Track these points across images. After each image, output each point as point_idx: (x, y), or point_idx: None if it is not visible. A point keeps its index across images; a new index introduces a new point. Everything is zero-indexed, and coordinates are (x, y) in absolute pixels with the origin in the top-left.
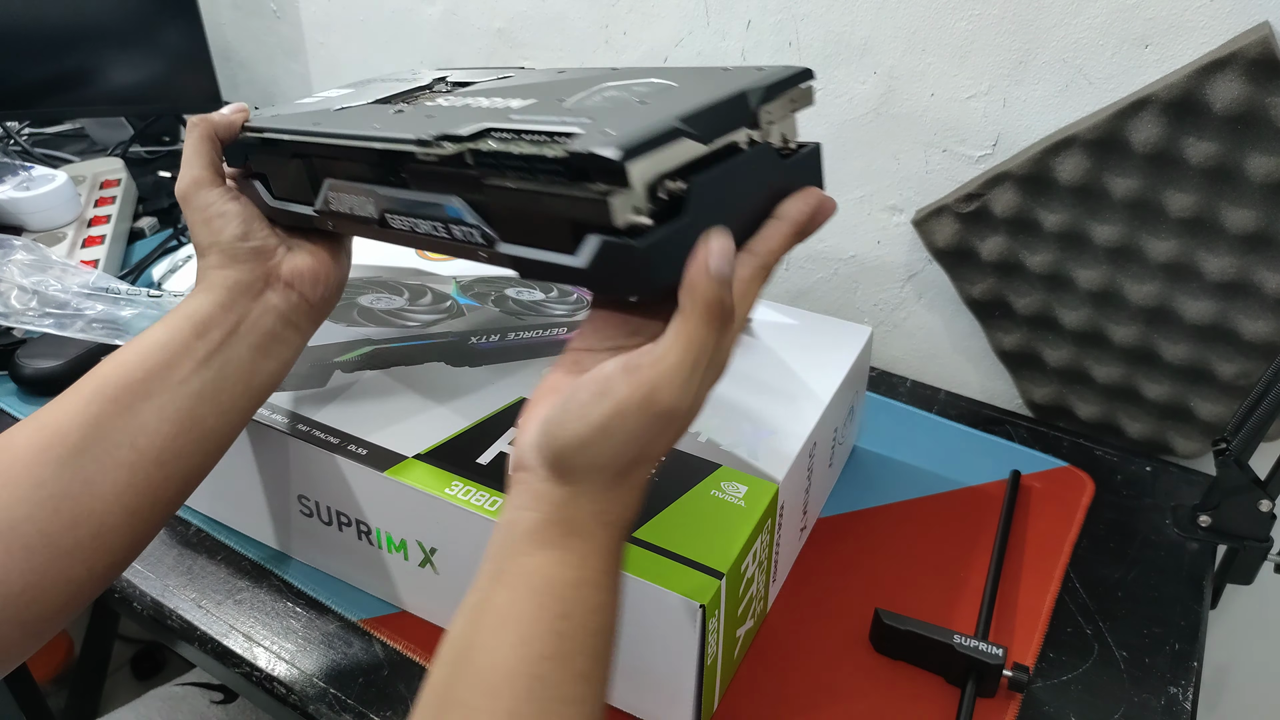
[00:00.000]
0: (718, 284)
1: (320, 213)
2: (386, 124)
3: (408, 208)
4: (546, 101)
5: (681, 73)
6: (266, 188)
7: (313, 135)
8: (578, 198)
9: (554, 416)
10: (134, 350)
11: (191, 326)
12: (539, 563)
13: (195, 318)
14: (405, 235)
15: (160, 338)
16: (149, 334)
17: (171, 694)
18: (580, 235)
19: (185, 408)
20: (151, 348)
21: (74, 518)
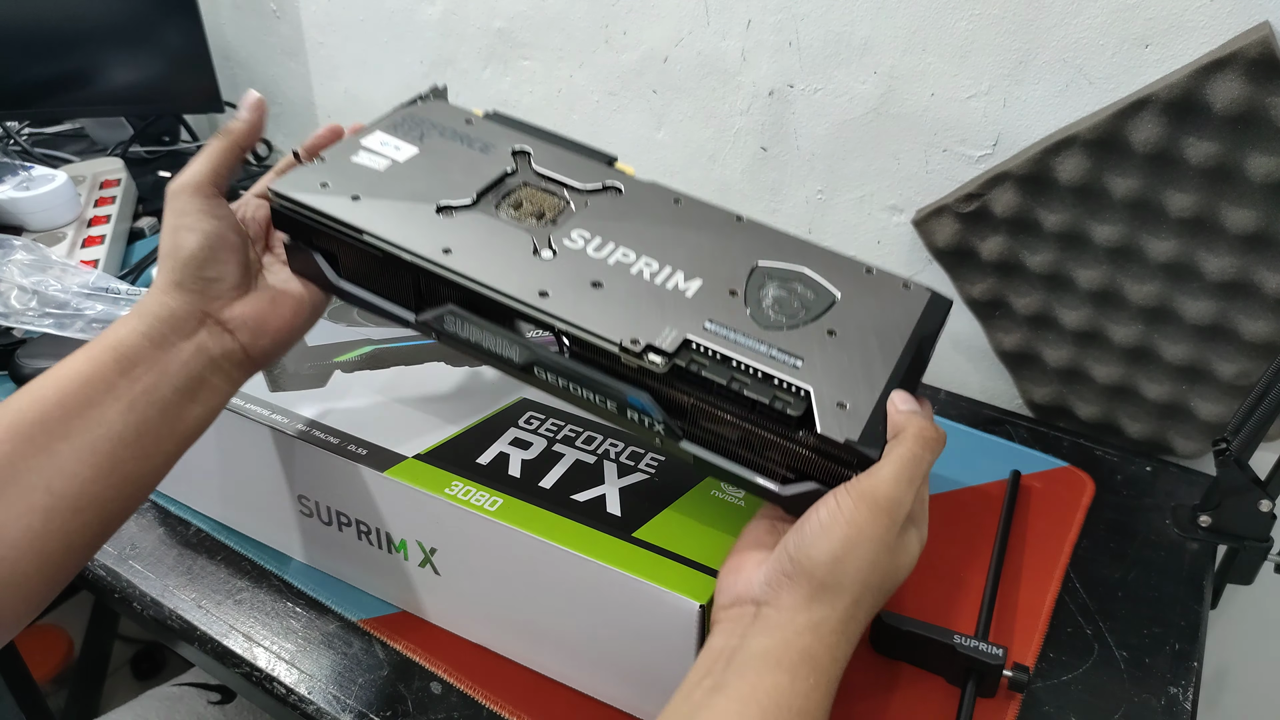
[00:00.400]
0: (918, 415)
1: (424, 324)
2: (532, 272)
3: (575, 376)
4: (715, 291)
5: (827, 262)
6: (331, 263)
7: (453, 273)
8: (805, 454)
9: (798, 544)
10: (52, 383)
11: (115, 361)
12: (772, 683)
13: (120, 350)
14: (549, 386)
15: (82, 370)
16: (68, 364)
17: (169, 694)
18: (792, 473)
19: (105, 450)
20: (72, 381)
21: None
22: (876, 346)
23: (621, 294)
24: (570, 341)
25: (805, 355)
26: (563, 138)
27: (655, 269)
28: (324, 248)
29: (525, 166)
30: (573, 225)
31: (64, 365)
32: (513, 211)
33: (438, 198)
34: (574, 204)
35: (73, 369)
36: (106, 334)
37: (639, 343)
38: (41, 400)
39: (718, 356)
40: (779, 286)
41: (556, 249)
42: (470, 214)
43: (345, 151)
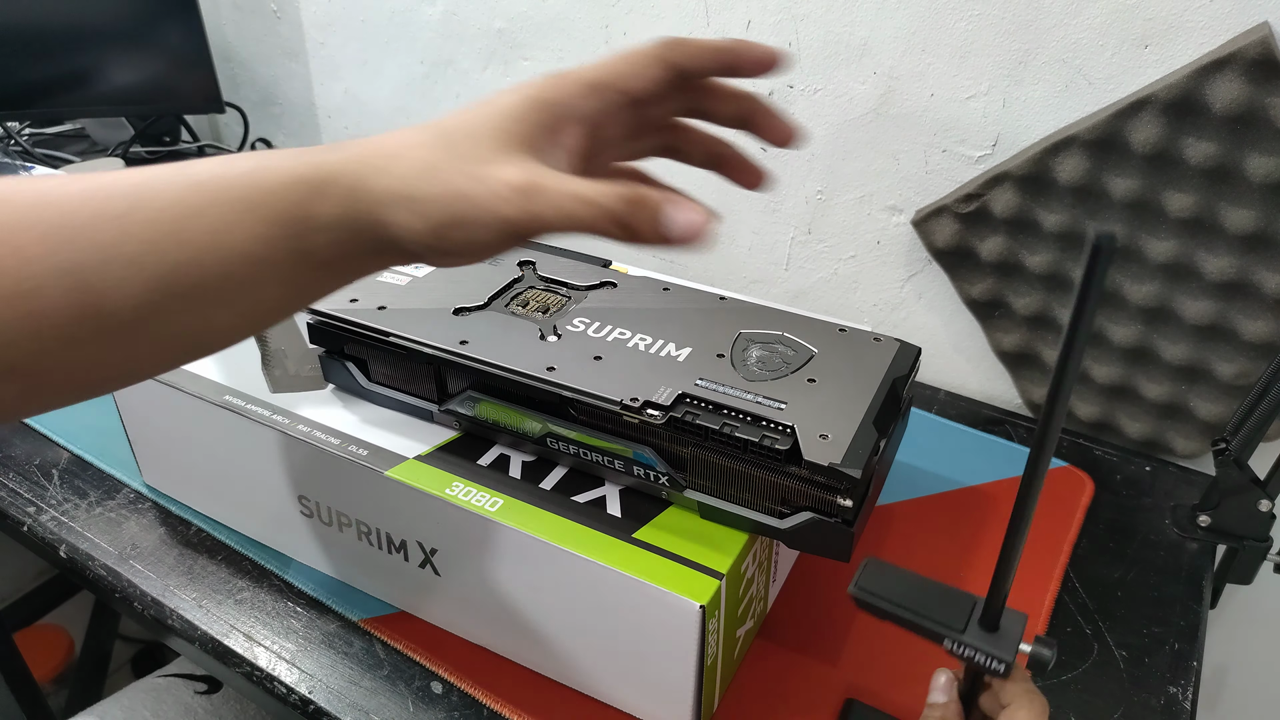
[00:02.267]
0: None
1: (448, 413)
2: (540, 353)
3: (584, 441)
4: (704, 355)
5: (803, 325)
6: (361, 369)
7: (469, 359)
8: (796, 486)
9: None
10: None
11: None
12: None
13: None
14: (561, 455)
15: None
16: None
17: (155, 685)
18: (787, 507)
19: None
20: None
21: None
22: (853, 387)
23: (620, 364)
24: (577, 409)
25: (789, 399)
26: (563, 249)
27: (649, 342)
28: (354, 355)
29: (530, 273)
30: (574, 314)
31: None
32: (520, 308)
33: (454, 303)
34: (574, 298)
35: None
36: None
37: (638, 400)
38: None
39: (710, 406)
40: (761, 348)
41: (560, 333)
42: (483, 313)
43: None
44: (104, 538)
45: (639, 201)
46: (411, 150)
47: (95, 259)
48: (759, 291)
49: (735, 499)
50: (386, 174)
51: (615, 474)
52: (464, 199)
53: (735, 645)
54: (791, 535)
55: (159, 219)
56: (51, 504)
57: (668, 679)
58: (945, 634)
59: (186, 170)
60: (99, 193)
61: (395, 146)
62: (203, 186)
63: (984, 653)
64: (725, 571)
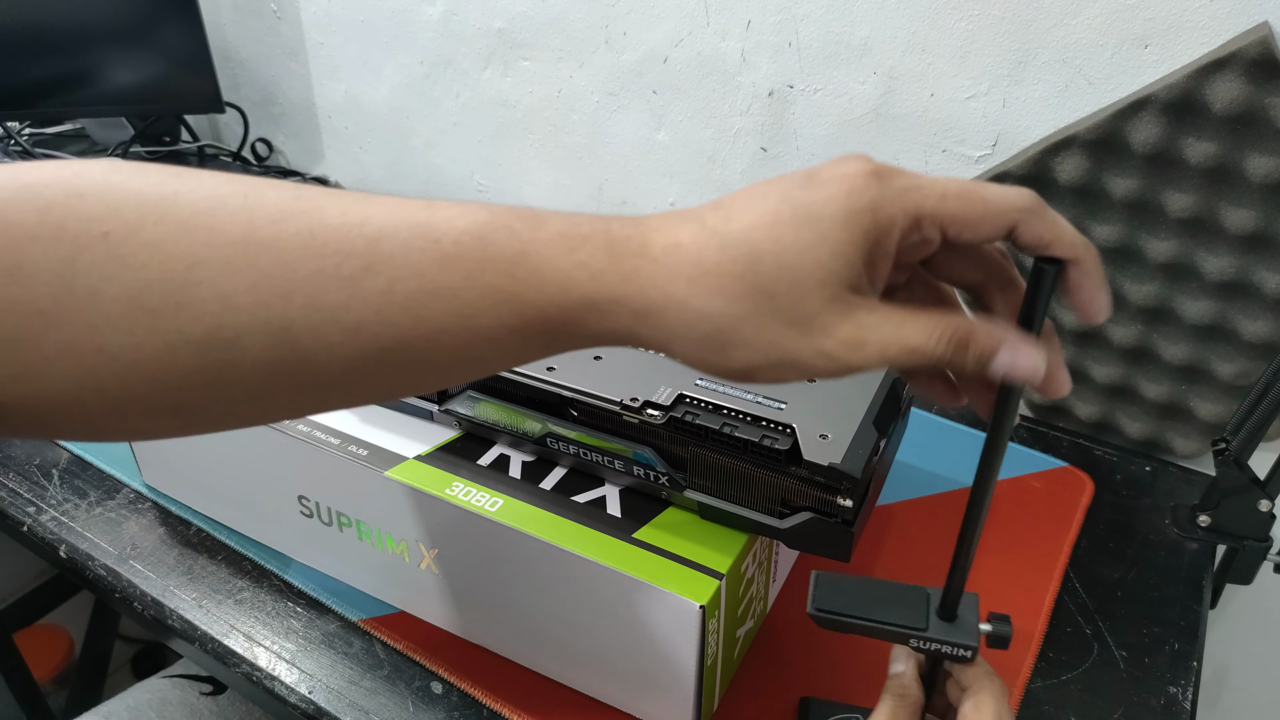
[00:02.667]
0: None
1: (448, 413)
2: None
3: (584, 440)
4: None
5: None
6: None
7: None
8: (796, 485)
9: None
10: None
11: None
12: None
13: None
14: (561, 455)
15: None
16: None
17: (160, 686)
18: (787, 507)
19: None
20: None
21: None
22: (853, 387)
23: (620, 364)
24: (577, 408)
25: (788, 399)
26: None
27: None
28: None
29: None
30: None
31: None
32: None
33: None
34: None
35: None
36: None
37: (638, 400)
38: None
39: (709, 406)
40: None
41: None
42: None
43: None
44: (104, 538)
45: (965, 344)
46: (718, 280)
47: (311, 320)
48: None
49: (735, 499)
50: (687, 309)
51: (615, 474)
52: (784, 352)
53: (735, 645)
54: (791, 535)
55: (396, 290)
56: (51, 504)
57: (668, 679)
58: (910, 635)
59: (430, 229)
60: (327, 244)
61: (696, 268)
62: (454, 261)
63: (949, 644)
64: (725, 571)
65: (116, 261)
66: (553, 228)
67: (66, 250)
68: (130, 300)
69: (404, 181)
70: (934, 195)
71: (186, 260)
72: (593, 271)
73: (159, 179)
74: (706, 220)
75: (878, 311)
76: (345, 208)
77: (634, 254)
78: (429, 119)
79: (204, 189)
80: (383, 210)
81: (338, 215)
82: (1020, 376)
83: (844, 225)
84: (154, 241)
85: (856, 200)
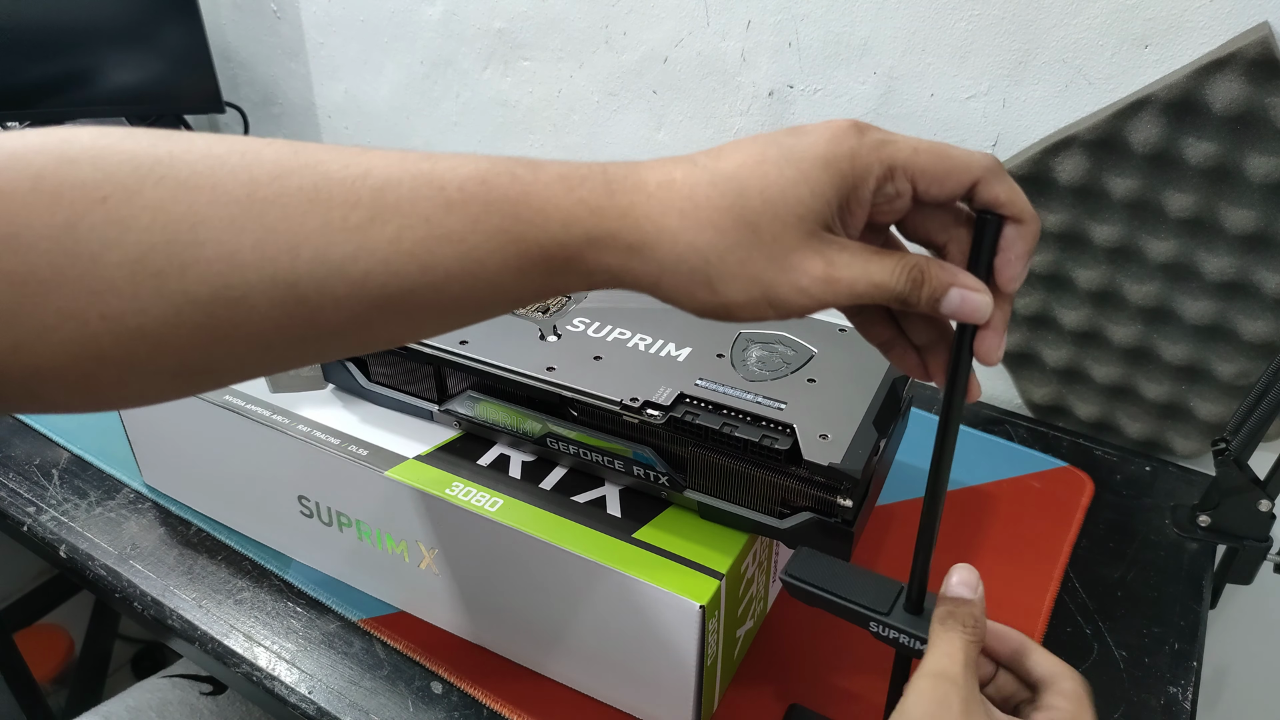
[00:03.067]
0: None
1: (448, 413)
2: (540, 352)
3: (584, 440)
4: (704, 355)
5: (804, 325)
6: (361, 369)
7: (469, 359)
8: (796, 486)
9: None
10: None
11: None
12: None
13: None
14: (561, 455)
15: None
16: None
17: (160, 686)
18: (787, 507)
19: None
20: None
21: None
22: (853, 387)
23: (620, 364)
24: (577, 409)
25: (789, 399)
26: None
27: (649, 342)
28: (353, 357)
29: None
30: (574, 314)
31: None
32: (520, 308)
33: None
34: (574, 298)
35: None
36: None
37: (638, 400)
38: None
39: (709, 406)
40: (761, 348)
41: (560, 333)
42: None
43: None
44: (104, 538)
45: (921, 281)
46: (708, 214)
47: (318, 273)
48: None
49: (735, 499)
50: (678, 241)
51: (615, 474)
52: (763, 286)
53: (735, 645)
54: (791, 535)
55: (404, 238)
56: (51, 504)
57: (668, 679)
58: (870, 617)
59: (434, 177)
60: (332, 197)
61: (688, 201)
62: (459, 206)
63: (907, 634)
64: (725, 571)
65: (118, 225)
66: (552, 171)
67: (64, 217)
68: (134, 264)
69: None
70: (907, 149)
71: (190, 220)
72: (592, 208)
73: (150, 141)
74: (698, 161)
75: (849, 249)
76: (346, 161)
77: (630, 190)
78: (429, 119)
79: (197, 149)
80: (383, 161)
81: (339, 168)
82: (969, 313)
83: (824, 168)
84: (155, 204)
85: (837, 147)
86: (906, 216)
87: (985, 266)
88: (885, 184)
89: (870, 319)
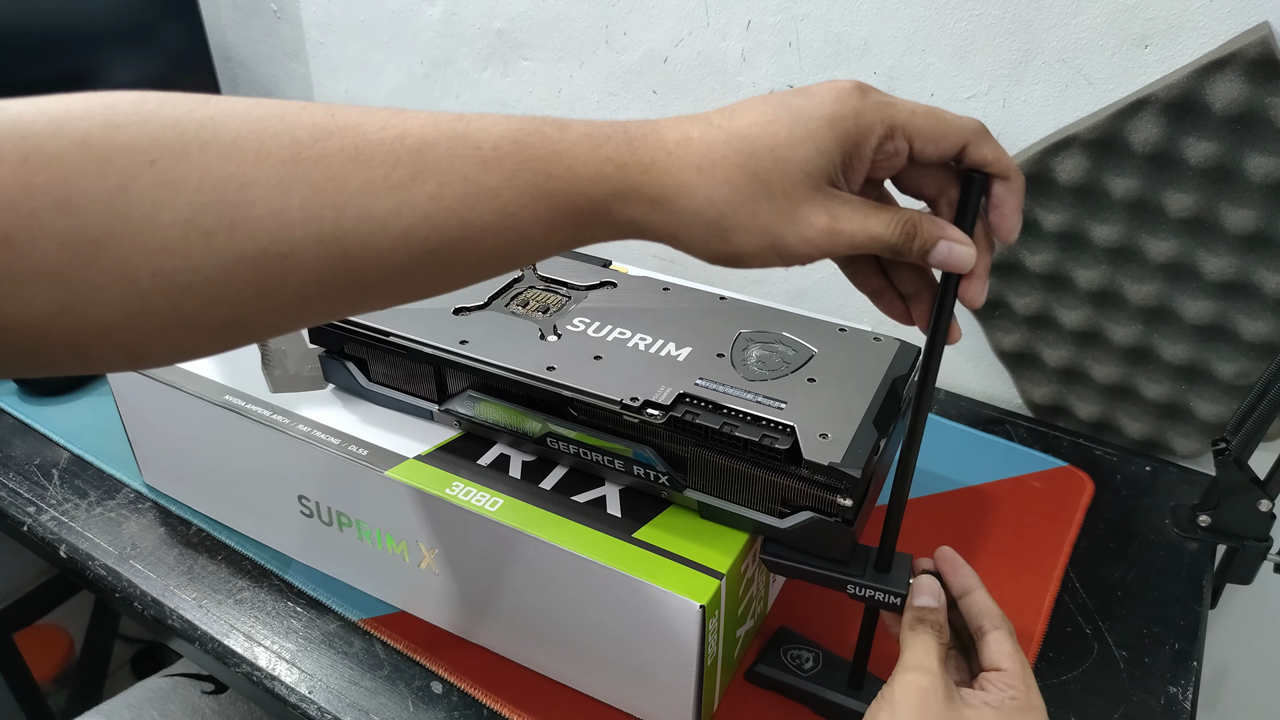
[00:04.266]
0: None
1: (448, 413)
2: (540, 352)
3: (584, 440)
4: (704, 355)
5: (803, 325)
6: (361, 369)
7: (469, 359)
8: (796, 485)
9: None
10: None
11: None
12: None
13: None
14: (561, 455)
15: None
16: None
17: (161, 685)
18: (787, 507)
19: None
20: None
21: None
22: (853, 387)
23: (620, 363)
24: (577, 408)
25: (789, 399)
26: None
27: (649, 342)
28: (355, 355)
29: (530, 273)
30: (574, 314)
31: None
32: (520, 308)
33: (454, 303)
34: (574, 298)
35: None
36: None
37: (638, 399)
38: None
39: (710, 405)
40: (761, 347)
41: (560, 333)
42: (483, 313)
43: None
44: (104, 538)
45: (913, 233)
46: (723, 170)
47: (363, 229)
48: (759, 291)
49: (735, 499)
50: (696, 195)
51: (615, 474)
52: (772, 237)
53: (735, 645)
54: (792, 535)
55: (444, 194)
56: (51, 504)
57: (668, 679)
58: (846, 579)
59: (468, 137)
60: (373, 157)
61: (705, 159)
62: (495, 164)
63: (881, 590)
64: (725, 571)
65: (169, 187)
66: (578, 130)
67: (115, 180)
68: (186, 224)
69: None
70: (905, 111)
71: (238, 181)
72: (617, 164)
73: (190, 107)
74: (713, 120)
75: (850, 203)
76: (383, 122)
77: (652, 147)
78: None
79: (237, 113)
80: (418, 122)
81: (377, 130)
82: (955, 263)
83: (829, 127)
84: (203, 166)
85: (842, 107)
86: (901, 173)
87: (971, 220)
88: (885, 143)
89: (862, 269)
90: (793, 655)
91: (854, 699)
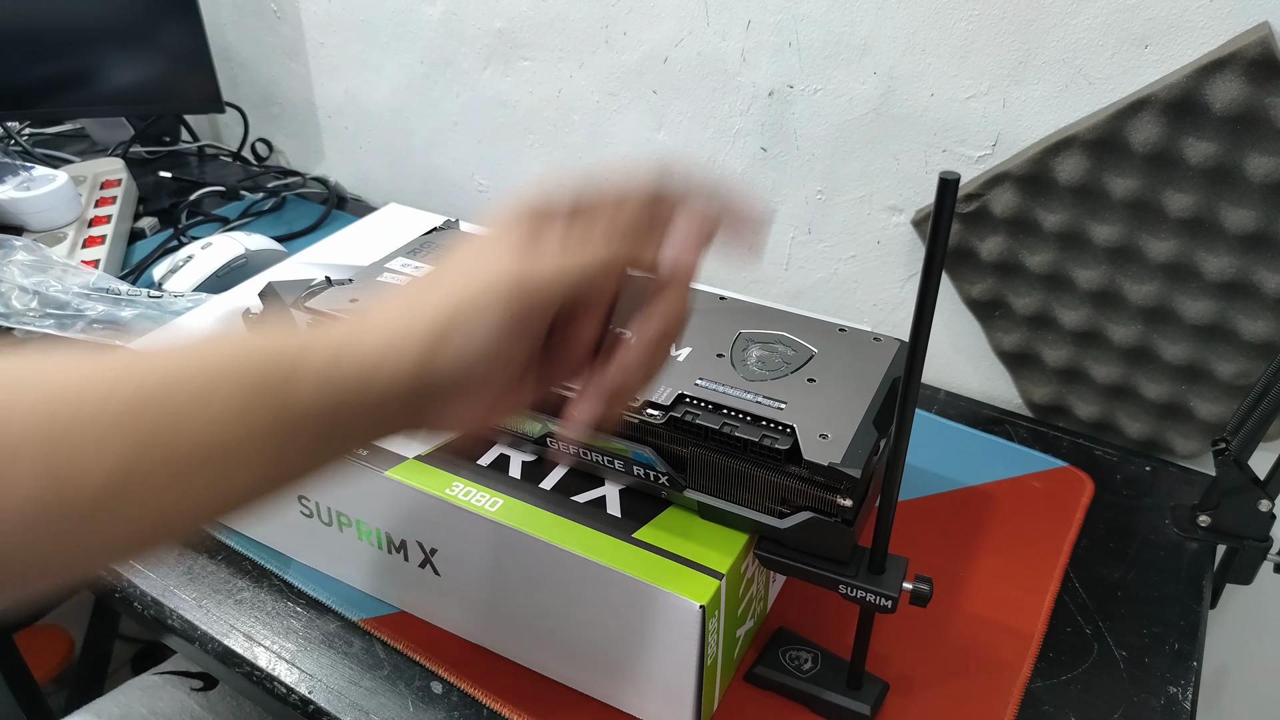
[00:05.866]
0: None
1: None
2: None
3: (584, 441)
4: (704, 355)
5: (803, 325)
6: None
7: None
8: (796, 485)
9: None
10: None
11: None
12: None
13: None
14: (562, 455)
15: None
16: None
17: (150, 683)
18: (787, 506)
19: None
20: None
21: None
22: (853, 387)
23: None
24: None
25: (789, 399)
26: None
27: None
28: None
29: None
30: None
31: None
32: None
33: None
34: None
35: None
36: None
37: (638, 399)
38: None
39: (709, 406)
40: (761, 348)
41: None
42: None
43: (371, 274)
44: None
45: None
46: (401, 320)
47: (70, 435)
48: (759, 291)
49: (735, 499)
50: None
51: (615, 474)
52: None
53: (735, 645)
54: (792, 535)
55: (139, 393)
56: None
57: (668, 679)
58: (838, 579)
59: (182, 345)
60: (94, 371)
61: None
62: (188, 358)
63: (872, 591)
64: (725, 571)
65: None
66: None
67: None
68: None
69: (404, 181)
70: (563, 286)
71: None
72: (303, 331)
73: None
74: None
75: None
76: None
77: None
78: (429, 119)
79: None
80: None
81: (124, 351)
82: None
83: (502, 277)
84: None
85: (508, 261)
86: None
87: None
88: (571, 286)
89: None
90: (792, 656)
91: (853, 699)
